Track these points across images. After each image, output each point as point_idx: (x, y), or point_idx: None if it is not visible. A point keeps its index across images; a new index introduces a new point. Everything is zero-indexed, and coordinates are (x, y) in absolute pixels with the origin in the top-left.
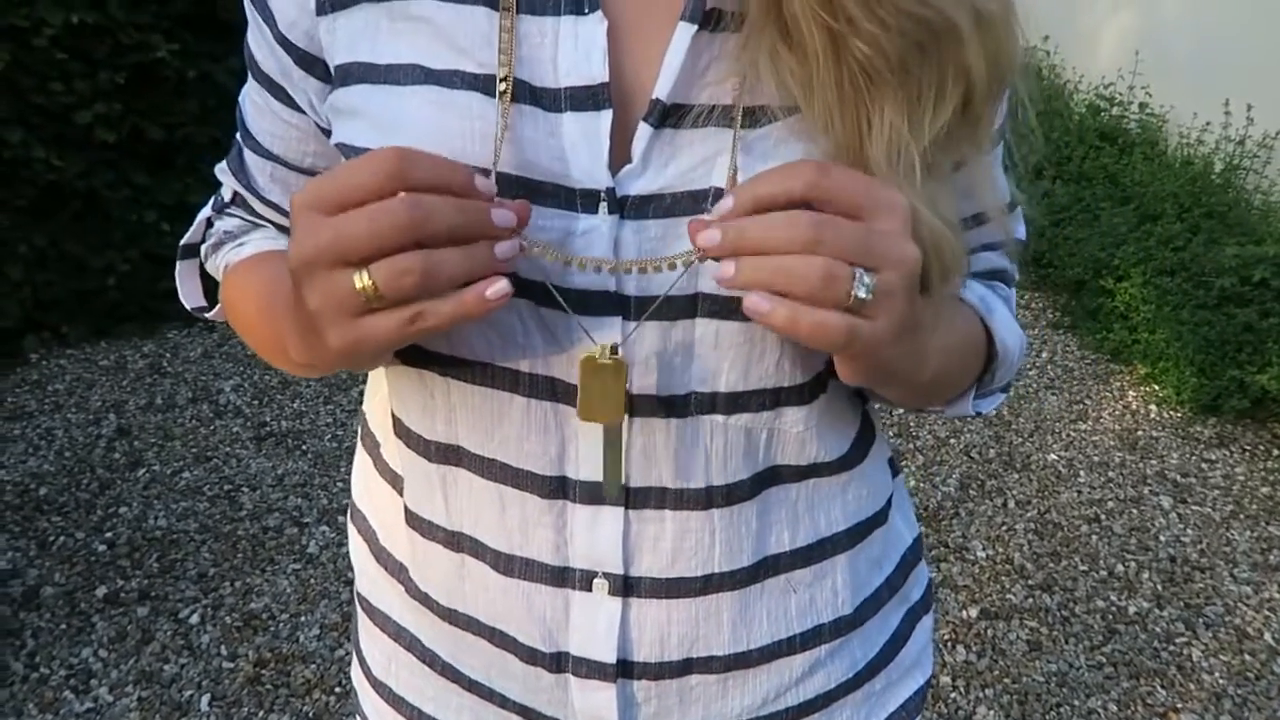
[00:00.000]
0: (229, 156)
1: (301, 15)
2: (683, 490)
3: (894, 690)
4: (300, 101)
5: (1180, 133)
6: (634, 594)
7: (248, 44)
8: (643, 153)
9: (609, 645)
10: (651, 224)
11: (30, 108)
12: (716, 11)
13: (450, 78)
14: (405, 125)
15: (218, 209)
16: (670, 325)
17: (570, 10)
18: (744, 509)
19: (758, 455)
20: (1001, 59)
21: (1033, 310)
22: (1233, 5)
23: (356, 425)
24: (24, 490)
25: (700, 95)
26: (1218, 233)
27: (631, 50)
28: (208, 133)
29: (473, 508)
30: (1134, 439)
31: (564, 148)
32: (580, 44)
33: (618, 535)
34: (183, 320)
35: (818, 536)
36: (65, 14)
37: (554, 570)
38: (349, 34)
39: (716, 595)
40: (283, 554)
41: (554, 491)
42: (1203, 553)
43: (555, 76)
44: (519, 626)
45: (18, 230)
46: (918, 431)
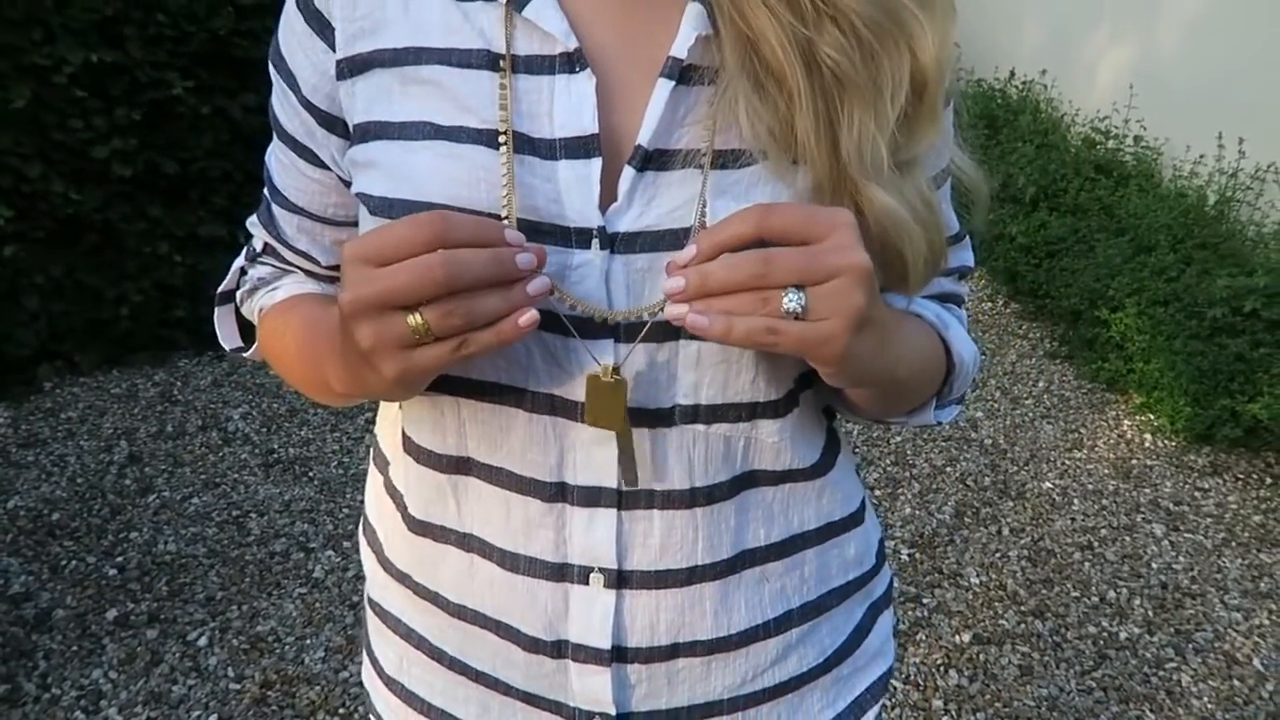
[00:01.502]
0: (259, 211)
1: (323, 80)
2: (669, 492)
3: (860, 676)
4: (324, 158)
5: (1174, 165)
6: (626, 586)
7: (272, 107)
8: (627, 193)
9: (604, 633)
10: (638, 257)
11: (50, 143)
12: (694, 67)
13: (457, 133)
14: (418, 176)
15: (250, 258)
16: (657, 347)
17: (563, 70)
18: (723, 508)
19: (736, 461)
20: (946, 43)
21: (1030, 340)
22: (1225, 41)
23: (362, 452)
24: (37, 515)
25: (679, 141)
26: (1210, 264)
27: (617, 103)
28: (220, 167)
29: (481, 512)
30: (1128, 467)
31: (559, 191)
32: (573, 100)
33: (612, 533)
34: (193, 349)
35: (790, 533)
36: (85, 53)
37: (554, 566)
38: (366, 96)
39: (700, 585)
40: (289, 578)
41: (554, 496)
42: (1194, 579)
43: (551, 128)
44: (523, 618)
45: (35, 262)
46: (914, 460)
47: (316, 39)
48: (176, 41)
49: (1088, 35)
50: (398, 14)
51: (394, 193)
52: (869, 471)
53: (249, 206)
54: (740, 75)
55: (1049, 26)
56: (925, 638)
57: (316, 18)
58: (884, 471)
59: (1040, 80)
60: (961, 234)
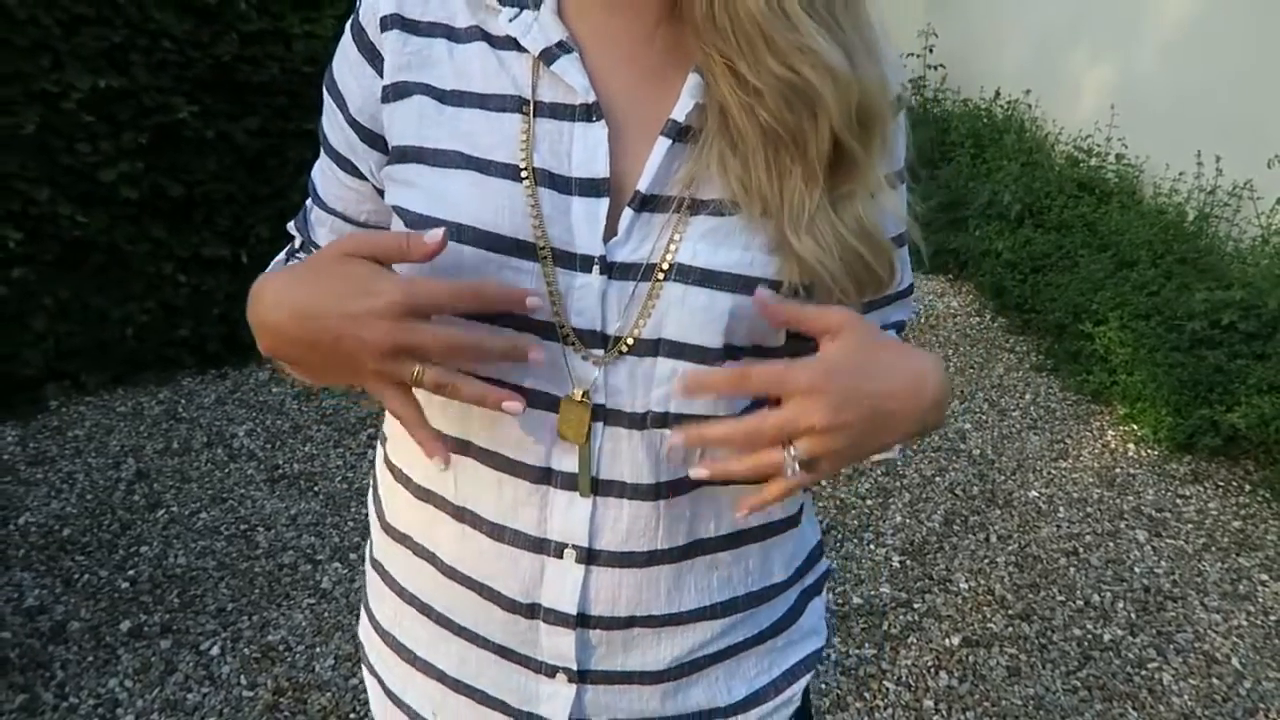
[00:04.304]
0: (297, 217)
1: (368, 102)
2: (638, 485)
3: (793, 649)
4: (363, 170)
5: (1155, 183)
6: (595, 563)
7: (321, 126)
8: (626, 229)
9: (572, 600)
10: (629, 284)
11: (58, 167)
12: (687, 128)
13: (486, 165)
14: (452, 199)
15: (289, 254)
16: (638, 361)
17: (582, 118)
18: (681, 501)
19: (695, 461)
20: (861, 102)
21: (1017, 353)
22: (1203, 62)
23: (365, 467)
24: (48, 531)
25: (670, 189)
26: (1189, 278)
27: (624, 152)
28: (224, 189)
29: (475, 489)
30: (1112, 476)
31: (572, 223)
32: (589, 145)
33: (586, 516)
34: (196, 368)
35: (736, 529)
36: (92, 78)
37: (535, 540)
38: (405, 119)
39: (658, 567)
40: (297, 589)
41: (540, 479)
42: (1175, 583)
43: (569, 168)
44: (504, 583)
45: (43, 283)
46: (904, 470)
47: (367, 66)
48: (181, 67)
49: (1070, 56)
50: (443, 56)
51: (431, 211)
52: (860, 482)
53: (251, 227)
54: (719, 136)
55: (1032, 47)
56: (916, 641)
57: (369, 48)
58: (875, 481)
59: (1025, 100)
60: (910, 290)
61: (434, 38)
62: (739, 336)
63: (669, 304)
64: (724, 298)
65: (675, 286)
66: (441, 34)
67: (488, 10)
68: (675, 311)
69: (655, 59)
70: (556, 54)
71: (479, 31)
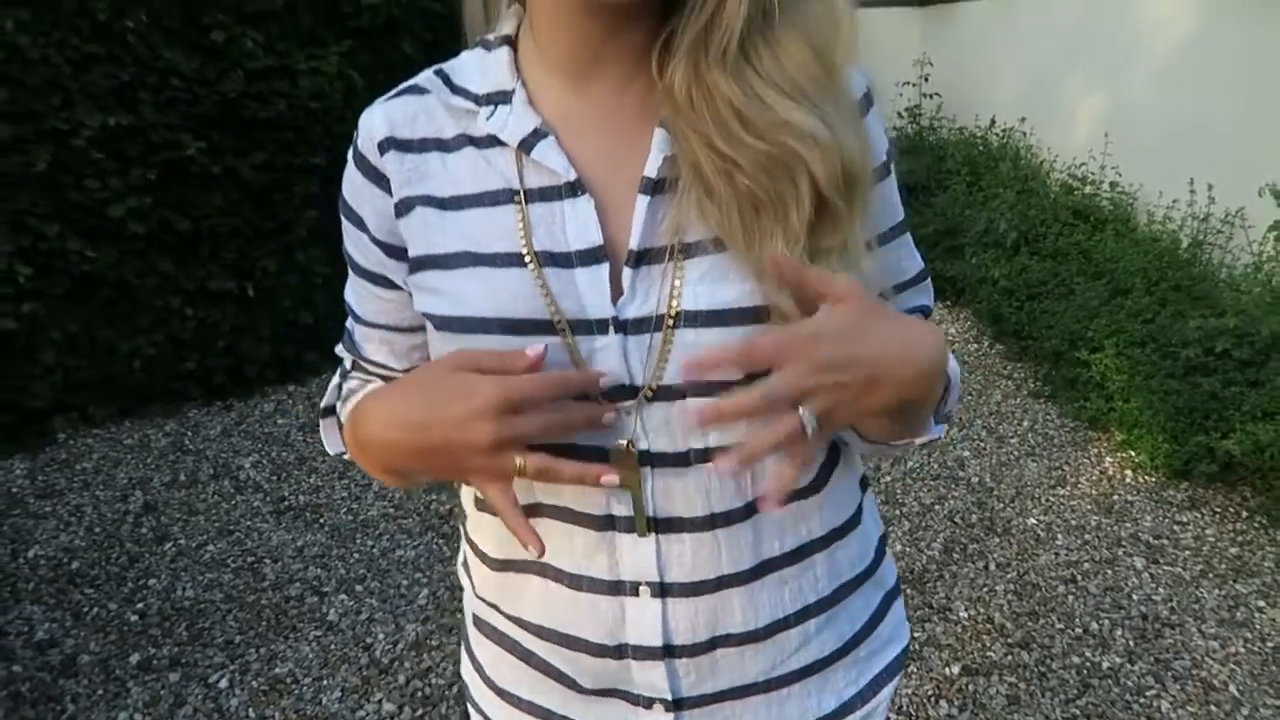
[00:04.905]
0: (343, 340)
1: (385, 220)
2: (693, 518)
3: (877, 657)
4: (396, 281)
5: (1149, 210)
6: (669, 595)
7: (347, 250)
8: (630, 287)
9: (656, 633)
10: (645, 336)
11: (67, 203)
12: (662, 180)
13: (492, 259)
14: (468, 298)
15: (343, 376)
16: (670, 404)
17: (569, 196)
18: (741, 528)
19: (746, 490)
20: (844, 165)
21: (1014, 380)
22: (1194, 90)
23: (370, 499)
24: (57, 564)
25: (660, 240)
26: (1183, 306)
27: (611, 216)
28: (230, 223)
29: (550, 543)
30: (1110, 503)
31: (579, 293)
32: (580, 219)
33: (652, 554)
34: (202, 400)
35: (800, 542)
36: (102, 116)
37: (611, 583)
38: (415, 231)
39: (729, 591)
40: (304, 622)
41: (604, 526)
42: (1173, 610)
43: (566, 243)
44: (590, 630)
45: (52, 317)
46: (904, 499)
47: (375, 188)
48: (189, 104)
49: (1063, 85)
50: (438, 167)
51: (452, 312)
52: None
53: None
54: (694, 183)
55: (1027, 76)
56: (916, 670)
57: (374, 172)
58: None
59: (1019, 128)
60: (922, 276)
61: (427, 152)
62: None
63: (686, 347)
64: (736, 332)
65: (688, 331)
66: (433, 148)
67: (469, 115)
68: (693, 354)
69: (622, 124)
70: (533, 141)
71: (465, 138)
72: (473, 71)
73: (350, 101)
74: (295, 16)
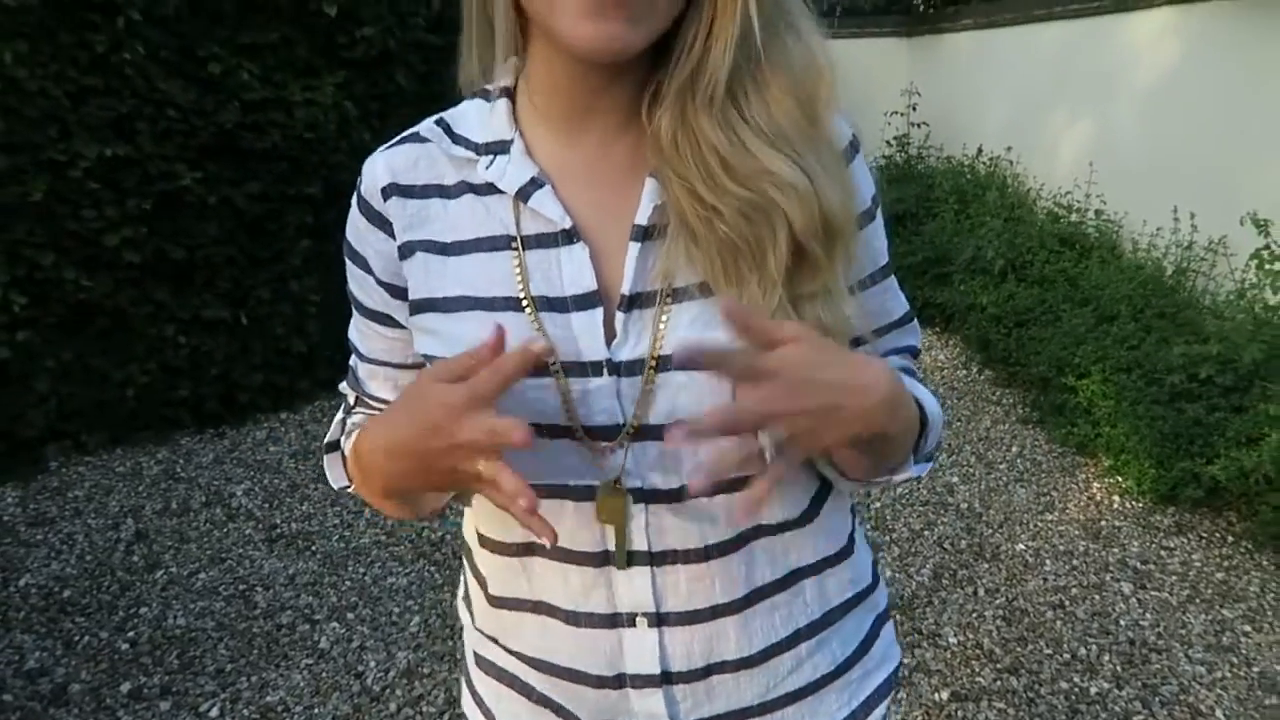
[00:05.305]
0: (347, 377)
1: (389, 263)
2: (688, 550)
3: (870, 678)
4: (400, 320)
5: (1133, 238)
6: (665, 624)
7: (351, 291)
8: (622, 330)
9: (654, 662)
10: (638, 379)
11: (63, 233)
12: (652, 227)
13: (490, 303)
14: (467, 341)
15: (347, 411)
16: (660, 443)
17: (564, 243)
18: (734, 558)
19: (737, 522)
20: (822, 214)
21: (1003, 406)
22: (1176, 120)
23: (362, 526)
24: (48, 593)
25: (651, 285)
26: (1168, 332)
27: (604, 262)
28: (225, 252)
29: (547, 582)
30: (1097, 528)
31: (575, 336)
32: (575, 265)
33: (648, 586)
34: (194, 427)
35: (790, 569)
36: (99, 147)
37: (608, 617)
38: (416, 274)
39: (723, 619)
40: (296, 650)
41: (600, 562)
42: (1160, 635)
43: (562, 288)
44: (589, 663)
45: (46, 346)
46: (894, 524)
47: (379, 232)
48: (186, 135)
49: (1048, 114)
50: (439, 212)
51: (449, 353)
52: None
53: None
54: (681, 230)
55: (1012, 106)
56: (906, 696)
57: (378, 217)
58: (865, 535)
59: (1006, 156)
60: (908, 317)
61: (428, 198)
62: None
63: (677, 389)
64: None
65: (678, 374)
66: (435, 194)
67: (469, 164)
68: (684, 396)
69: (615, 173)
70: (531, 190)
71: (465, 185)
72: (473, 122)
73: (345, 132)
74: (291, 48)
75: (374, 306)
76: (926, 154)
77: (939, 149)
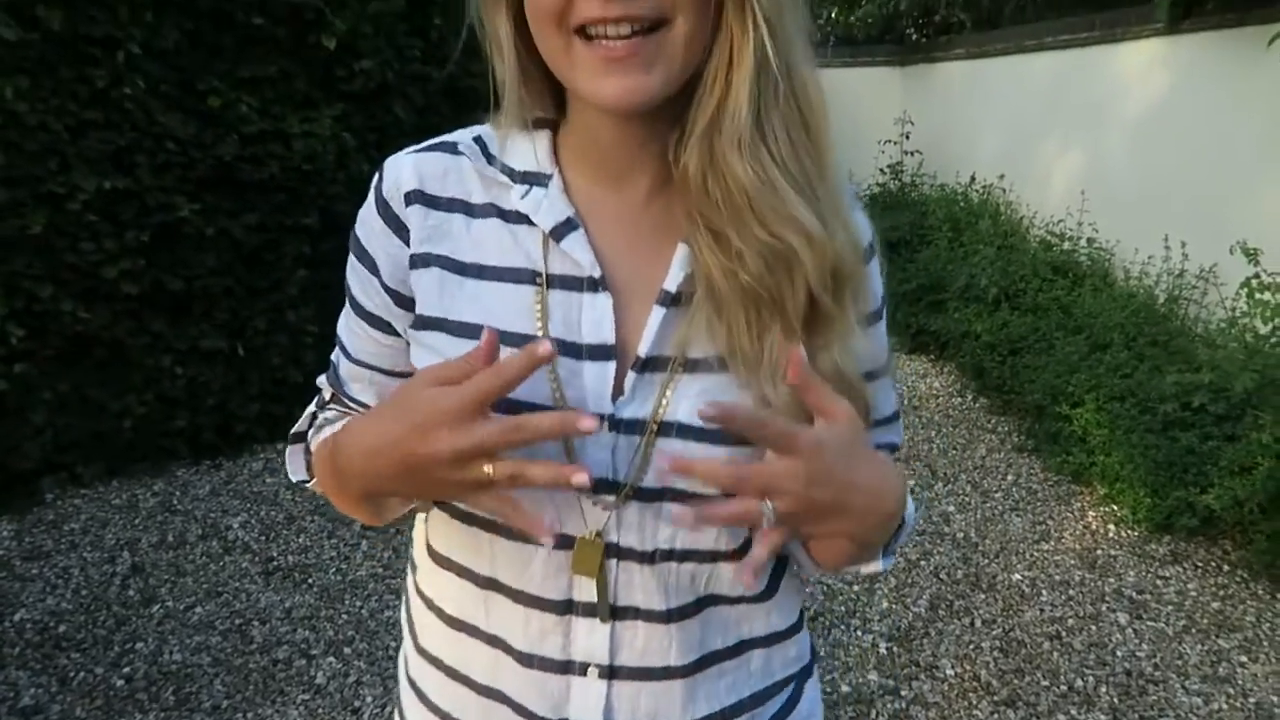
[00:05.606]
0: (328, 373)
1: (397, 269)
2: (651, 610)
3: None
4: (399, 329)
5: (1125, 266)
6: (616, 678)
7: (349, 287)
8: (631, 389)
9: (597, 712)
10: (636, 438)
11: (62, 265)
12: (680, 293)
13: (505, 336)
14: None
15: (320, 405)
16: (646, 505)
17: (589, 289)
18: (692, 622)
19: (700, 588)
20: (835, 263)
21: (998, 434)
22: (1166, 149)
23: (359, 558)
24: (44, 628)
25: (666, 350)
26: (1161, 361)
27: (626, 318)
28: (222, 283)
29: (505, 621)
30: (1093, 558)
31: (584, 385)
32: (596, 314)
33: (606, 638)
34: (191, 459)
35: (741, 639)
36: (98, 180)
37: (561, 663)
38: (427, 288)
39: (672, 680)
40: (292, 685)
41: (563, 610)
42: (1156, 666)
43: (579, 335)
44: (534, 701)
45: (43, 378)
46: None
47: (394, 237)
48: (185, 167)
49: (1040, 143)
50: (461, 229)
51: None
52: None
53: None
54: (706, 301)
55: (1005, 134)
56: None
57: (395, 220)
58: None
59: (999, 184)
60: (896, 416)
61: (452, 213)
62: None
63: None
64: (720, 451)
65: (676, 442)
66: (459, 209)
67: (500, 187)
68: (682, 457)
69: (648, 230)
70: (565, 231)
71: (493, 208)
72: (512, 148)
73: (343, 163)
74: (290, 81)
75: (373, 310)
76: (920, 181)
77: (932, 176)
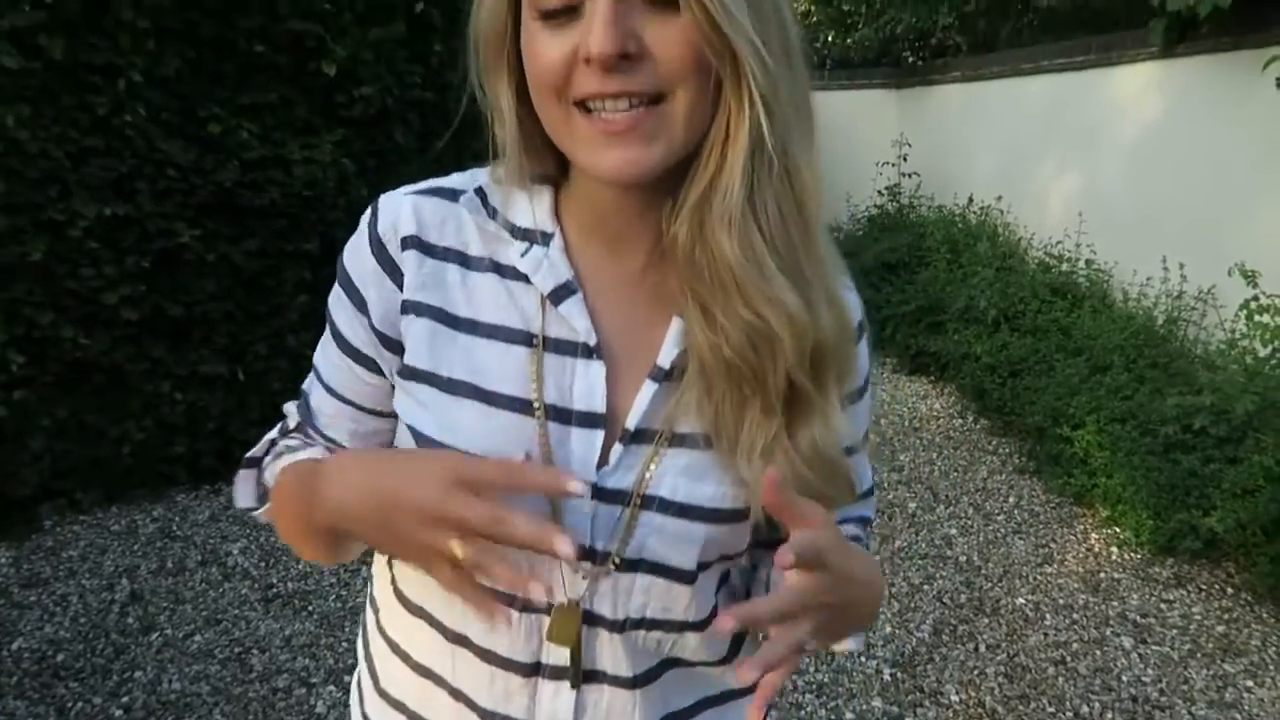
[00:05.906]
0: (298, 403)
1: (389, 311)
2: (617, 675)
3: None
4: (384, 370)
5: (1124, 288)
6: None
7: (333, 319)
8: (616, 460)
9: None
10: (617, 508)
11: (62, 291)
12: (673, 368)
13: (493, 397)
14: (461, 429)
15: (283, 432)
16: (620, 576)
17: (583, 356)
18: (654, 686)
19: (665, 653)
20: (816, 348)
21: (999, 455)
22: (1163, 171)
23: (359, 585)
24: (42, 657)
25: (655, 424)
26: (1161, 383)
27: (617, 388)
28: (222, 308)
29: (471, 677)
30: (1097, 581)
31: (570, 452)
32: (589, 382)
33: (571, 702)
34: (190, 484)
35: (699, 698)
36: (99, 207)
37: None
38: (418, 338)
39: None
40: (291, 714)
41: (530, 672)
42: (1162, 691)
43: (570, 401)
44: None
45: (43, 404)
46: (893, 579)
47: (387, 280)
48: (185, 194)
49: (1037, 165)
50: (456, 281)
51: (443, 437)
52: None
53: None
54: (697, 379)
55: (1002, 156)
56: None
57: (389, 263)
58: None
59: (997, 206)
60: (870, 491)
61: (448, 262)
62: (710, 555)
63: (650, 530)
64: (699, 528)
65: (656, 516)
66: (455, 259)
67: (499, 241)
68: (656, 538)
69: (645, 299)
70: (563, 295)
71: (490, 262)
72: (513, 204)
73: (343, 189)
74: (290, 108)
75: (360, 347)
76: (918, 203)
77: (930, 198)
